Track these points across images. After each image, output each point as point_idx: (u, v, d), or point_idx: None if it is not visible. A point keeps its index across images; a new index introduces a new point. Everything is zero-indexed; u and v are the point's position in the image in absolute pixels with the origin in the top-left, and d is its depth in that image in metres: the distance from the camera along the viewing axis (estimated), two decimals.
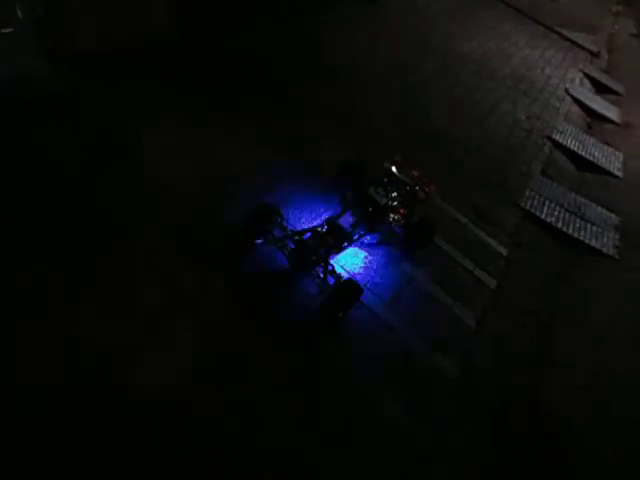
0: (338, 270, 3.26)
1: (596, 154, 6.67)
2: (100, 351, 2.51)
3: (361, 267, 3.53)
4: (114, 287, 2.81)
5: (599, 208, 5.54)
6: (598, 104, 8.22)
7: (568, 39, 10.38)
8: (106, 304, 2.72)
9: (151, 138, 3.85)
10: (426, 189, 3.84)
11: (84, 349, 2.50)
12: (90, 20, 4.19)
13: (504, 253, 4.35)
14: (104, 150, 3.63)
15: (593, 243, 4.94)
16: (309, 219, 3.67)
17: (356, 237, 3.51)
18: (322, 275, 3.14)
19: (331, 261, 3.24)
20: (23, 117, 3.68)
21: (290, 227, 3.31)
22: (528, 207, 5.02)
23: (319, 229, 3.34)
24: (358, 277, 3.40)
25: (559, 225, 5.00)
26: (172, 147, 3.85)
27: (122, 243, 3.05)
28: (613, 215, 5.51)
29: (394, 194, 3.73)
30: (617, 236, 5.16)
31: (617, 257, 4.87)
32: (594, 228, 5.17)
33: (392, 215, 3.73)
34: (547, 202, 5.23)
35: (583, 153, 6.55)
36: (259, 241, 3.27)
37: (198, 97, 4.48)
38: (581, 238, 4.95)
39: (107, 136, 3.75)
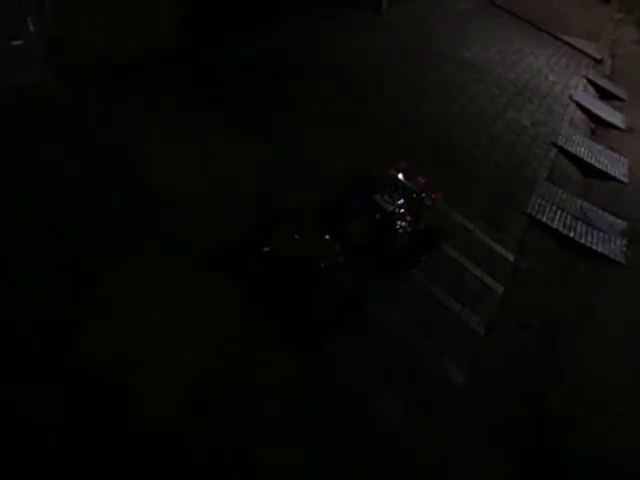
0: (346, 277, 3.27)
1: (601, 160, 6.68)
2: (98, 367, 2.50)
3: (368, 274, 3.54)
4: (116, 298, 2.81)
5: (605, 214, 5.54)
6: (602, 110, 8.24)
7: (571, 46, 10.43)
8: (105, 319, 2.71)
9: (153, 150, 3.88)
10: (432, 196, 3.86)
11: (82, 363, 2.50)
12: (94, 33, 4.26)
13: (511, 259, 4.35)
14: (107, 162, 3.65)
15: (600, 249, 4.94)
16: (315, 227, 3.68)
17: (363, 244, 3.53)
18: (330, 282, 3.16)
19: (339, 268, 3.25)
20: (27, 128, 3.72)
21: (297, 236, 3.33)
22: (534, 213, 5.03)
23: (327, 237, 3.36)
24: (365, 284, 3.40)
25: (565, 231, 5.00)
26: (175, 159, 3.87)
27: (124, 254, 3.06)
28: (619, 220, 5.50)
29: (400, 201, 3.75)
30: (624, 242, 5.16)
31: (624, 262, 4.86)
32: (600, 234, 5.16)
33: (399, 222, 3.75)
34: (553, 208, 5.24)
35: (588, 159, 6.57)
36: (267, 248, 3.29)
37: (200, 108, 4.52)
38: (587, 244, 4.95)
39: (110, 148, 3.78)
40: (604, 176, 6.45)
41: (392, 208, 3.68)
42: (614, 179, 6.44)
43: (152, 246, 3.15)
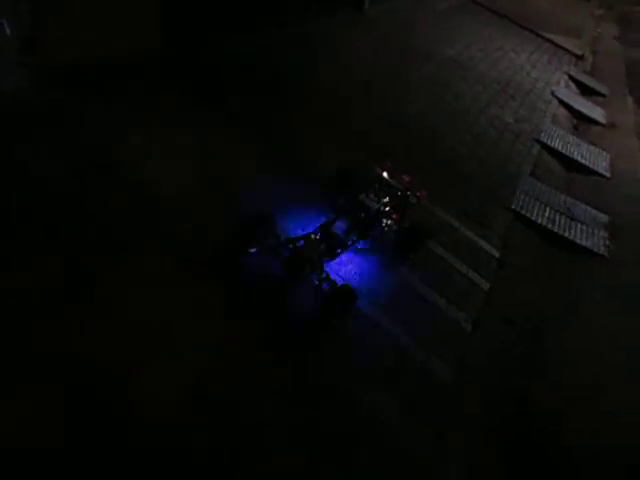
0: (332, 276, 3.27)
1: (583, 155, 6.76)
2: (99, 367, 2.51)
3: (355, 273, 3.55)
4: (115, 298, 2.82)
5: (588, 208, 5.61)
6: (584, 106, 8.34)
7: (553, 43, 10.55)
8: (105, 319, 2.71)
9: (141, 151, 3.86)
10: (417, 194, 3.88)
11: (82, 363, 2.50)
12: (76, 35, 4.20)
13: (496, 255, 4.39)
14: (94, 165, 3.62)
15: (583, 242, 5.00)
16: (303, 227, 3.68)
17: (350, 243, 3.53)
18: (317, 282, 3.15)
19: (325, 268, 3.26)
20: (7, 133, 3.67)
21: (284, 235, 3.32)
22: (518, 209, 5.08)
23: (313, 236, 3.35)
24: (352, 283, 3.41)
25: (549, 226, 5.06)
26: (173, 159, 3.86)
27: (124, 254, 3.05)
28: (602, 214, 5.58)
29: (386, 199, 3.76)
30: (606, 235, 5.23)
31: (607, 255, 4.93)
32: (584, 227, 5.23)
33: (384, 220, 3.76)
34: (537, 203, 5.29)
35: (571, 154, 6.64)
36: (253, 250, 3.28)
37: (187, 109, 4.50)
38: (571, 238, 5.01)
39: (96, 151, 3.75)
40: (586, 171, 6.53)
41: (377, 206, 3.69)
42: (596, 174, 6.52)
43: (152, 246, 3.16)
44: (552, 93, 8.15)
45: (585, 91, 9.11)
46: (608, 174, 6.57)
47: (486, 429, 3.06)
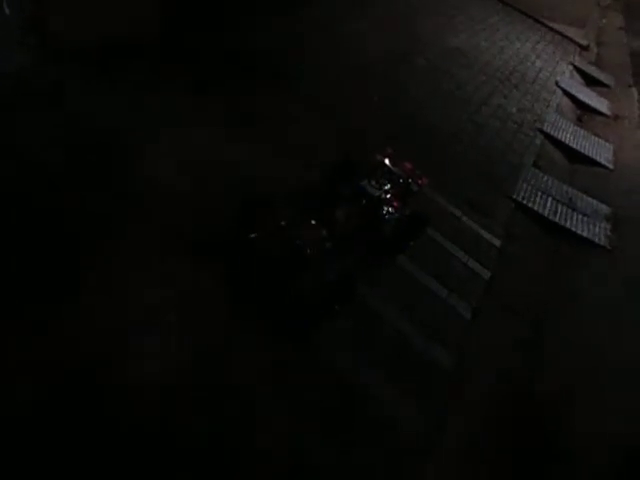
0: (332, 263, 3.25)
1: (587, 146, 6.72)
2: (95, 350, 2.50)
3: (355, 260, 3.52)
4: (111, 287, 2.79)
5: (590, 199, 5.59)
6: (588, 97, 8.27)
7: (558, 32, 10.43)
8: (102, 304, 2.69)
9: (142, 133, 3.81)
10: (419, 181, 3.86)
11: (80, 348, 2.49)
12: (76, 13, 4.13)
13: (497, 244, 4.37)
14: (94, 149, 3.58)
15: (585, 234, 4.99)
16: (304, 213, 3.65)
17: (349, 230, 3.51)
18: (317, 268, 3.14)
19: (325, 254, 3.24)
20: (9, 114, 3.63)
21: (284, 221, 3.30)
22: (520, 199, 5.05)
23: (313, 222, 3.33)
24: (352, 270, 3.39)
25: (551, 216, 5.04)
26: (165, 144, 3.81)
27: (120, 244, 3.02)
28: (604, 206, 5.55)
29: (387, 186, 3.73)
30: (608, 226, 5.21)
31: (608, 247, 4.92)
32: (585, 219, 5.21)
33: (385, 207, 3.73)
34: (539, 193, 5.27)
35: (574, 145, 6.60)
36: (253, 235, 3.26)
37: (190, 93, 4.44)
38: (573, 229, 5.00)
39: (98, 133, 3.70)
40: (589, 162, 6.49)
41: (378, 193, 3.66)
42: (599, 165, 6.48)
43: (151, 230, 3.12)
44: (556, 83, 8.08)
45: (589, 82, 9.03)
46: (611, 166, 6.53)
47: (485, 417, 3.08)
